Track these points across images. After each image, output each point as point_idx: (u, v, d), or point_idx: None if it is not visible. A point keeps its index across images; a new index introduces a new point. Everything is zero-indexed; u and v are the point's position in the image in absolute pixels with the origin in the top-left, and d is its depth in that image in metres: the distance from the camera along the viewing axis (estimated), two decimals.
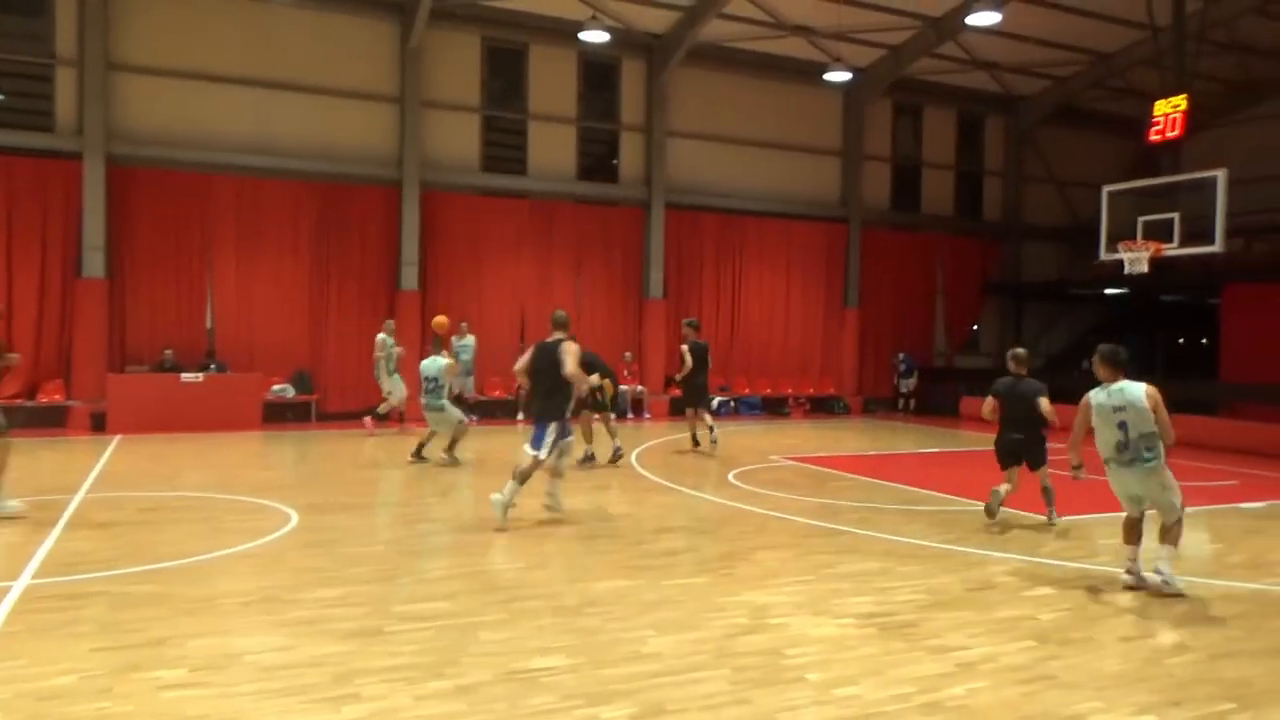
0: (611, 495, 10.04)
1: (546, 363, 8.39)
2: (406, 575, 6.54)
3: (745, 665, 4.78)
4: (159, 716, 4.05)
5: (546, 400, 8.46)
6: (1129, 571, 6.44)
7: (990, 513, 8.35)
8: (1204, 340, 20.90)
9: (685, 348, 13.48)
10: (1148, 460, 6.26)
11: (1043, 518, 8.65)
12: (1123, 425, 6.30)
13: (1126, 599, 6.20)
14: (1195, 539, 8.25)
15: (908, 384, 21.55)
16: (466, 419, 12.22)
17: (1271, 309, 18.81)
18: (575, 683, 4.50)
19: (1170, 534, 6.34)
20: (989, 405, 8.72)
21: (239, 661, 4.70)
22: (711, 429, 13.26)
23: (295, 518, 8.23)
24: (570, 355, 8.24)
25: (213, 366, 15.86)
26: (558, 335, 8.52)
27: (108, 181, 15.49)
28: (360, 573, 6.44)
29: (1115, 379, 6.41)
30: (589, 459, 11.81)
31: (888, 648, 5.11)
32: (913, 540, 7.84)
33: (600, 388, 11.69)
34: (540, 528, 8.13)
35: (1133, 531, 6.50)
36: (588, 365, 9.76)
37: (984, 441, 12.33)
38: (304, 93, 16.93)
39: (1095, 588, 6.46)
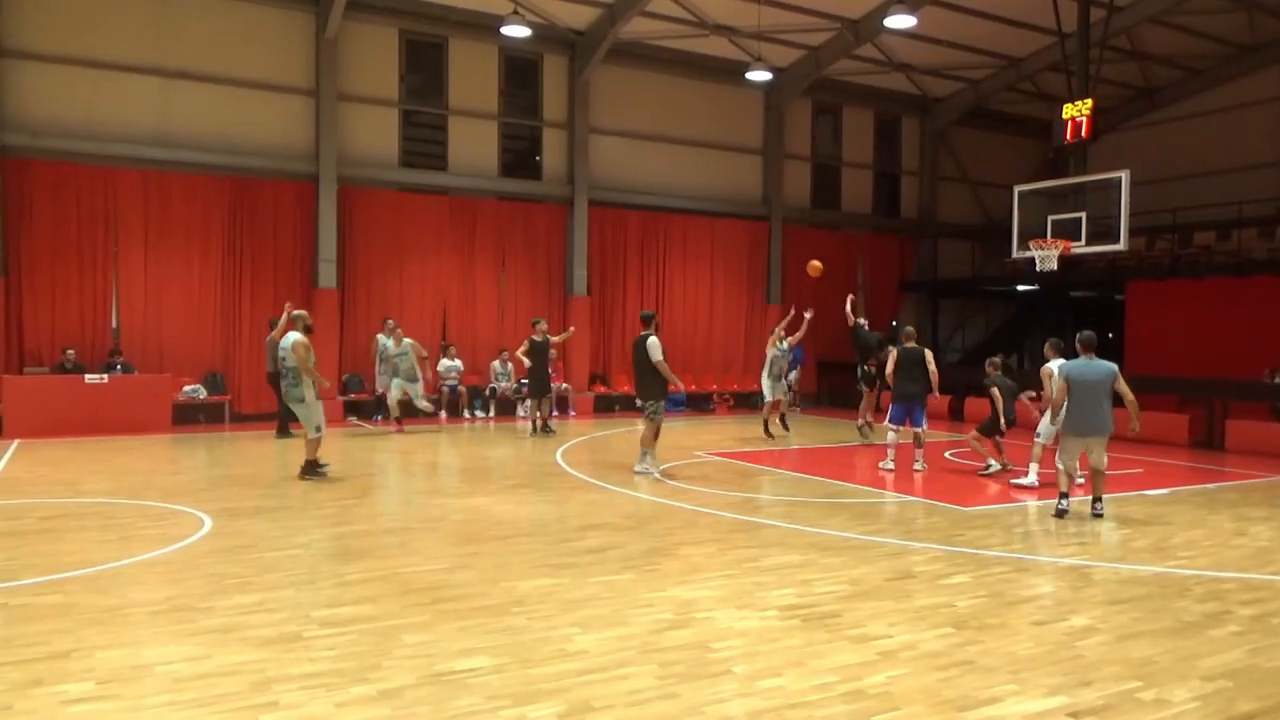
0: (536, 493, 9.97)
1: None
2: (325, 579, 6.38)
3: (671, 660, 4.79)
4: None
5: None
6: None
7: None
8: (1110, 335, 21.71)
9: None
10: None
11: (962, 507, 8.88)
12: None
13: (1039, 585, 6.40)
14: (1103, 525, 8.56)
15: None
16: (320, 430, 10.53)
17: (1171, 305, 19.66)
18: (501, 683, 4.45)
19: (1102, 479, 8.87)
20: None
21: (150, 672, 4.52)
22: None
23: (209, 523, 7.97)
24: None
25: (119, 367, 15.25)
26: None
27: (2, 174, 14.78)
28: (277, 578, 6.27)
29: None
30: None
31: (811, 638, 5.18)
32: (835, 533, 7.97)
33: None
34: (464, 528, 8.03)
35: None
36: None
37: (904, 434, 12.61)
38: (213, 83, 16.37)
39: (1009, 575, 6.66)
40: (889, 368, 11.73)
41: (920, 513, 9.05)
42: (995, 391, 11.27)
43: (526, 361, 15.34)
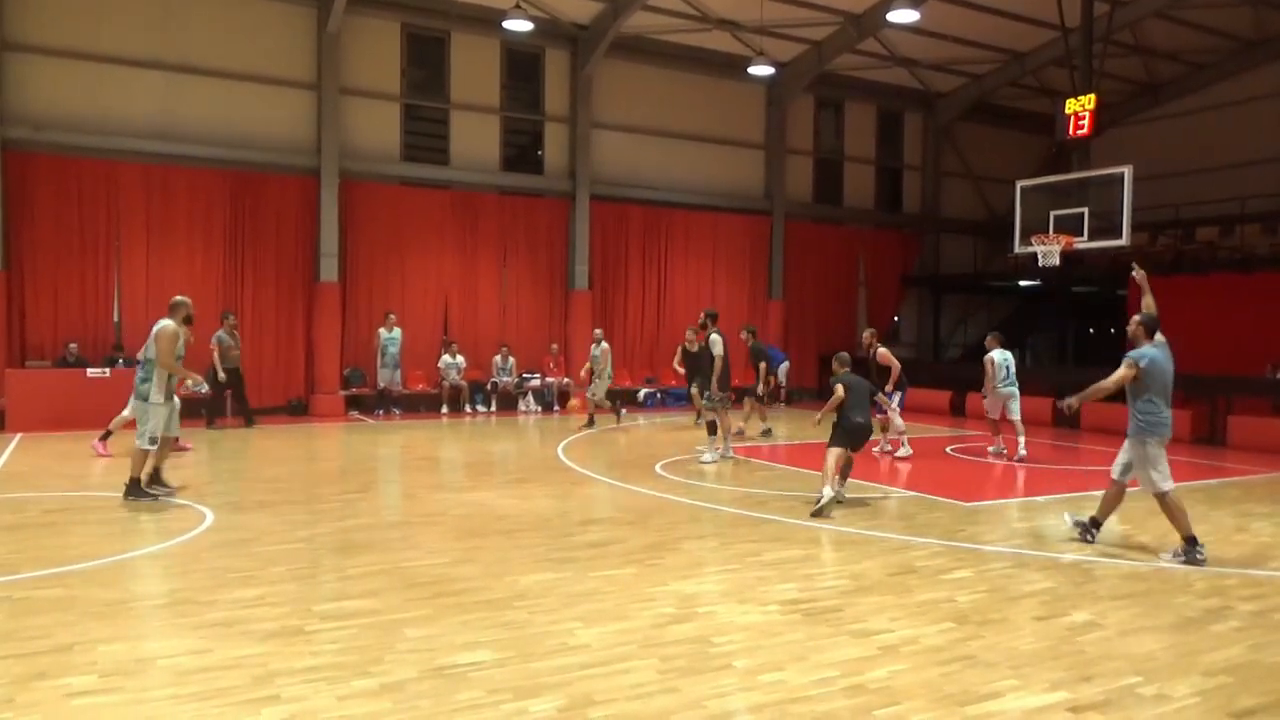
0: (538, 488, 9.98)
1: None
2: (327, 573, 6.39)
3: (673, 654, 4.80)
4: None
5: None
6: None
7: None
8: (1112, 330, 21.69)
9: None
10: None
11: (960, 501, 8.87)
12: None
13: (1040, 580, 6.40)
14: (1105, 521, 8.55)
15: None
16: (174, 435, 9.27)
17: (1174, 301, 19.58)
18: (503, 677, 4.46)
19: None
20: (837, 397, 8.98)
21: (152, 666, 4.53)
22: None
23: (211, 516, 7.98)
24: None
25: (120, 361, 15.25)
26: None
27: (4, 167, 14.78)
28: (279, 572, 6.28)
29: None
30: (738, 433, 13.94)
31: (812, 633, 5.19)
32: (836, 527, 7.97)
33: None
34: (466, 522, 8.03)
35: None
36: (755, 354, 14.65)
37: (906, 429, 12.62)
38: (215, 77, 16.37)
39: (1010, 570, 6.66)
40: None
41: (922, 508, 9.04)
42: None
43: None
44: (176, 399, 9.08)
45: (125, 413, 11.19)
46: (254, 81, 16.70)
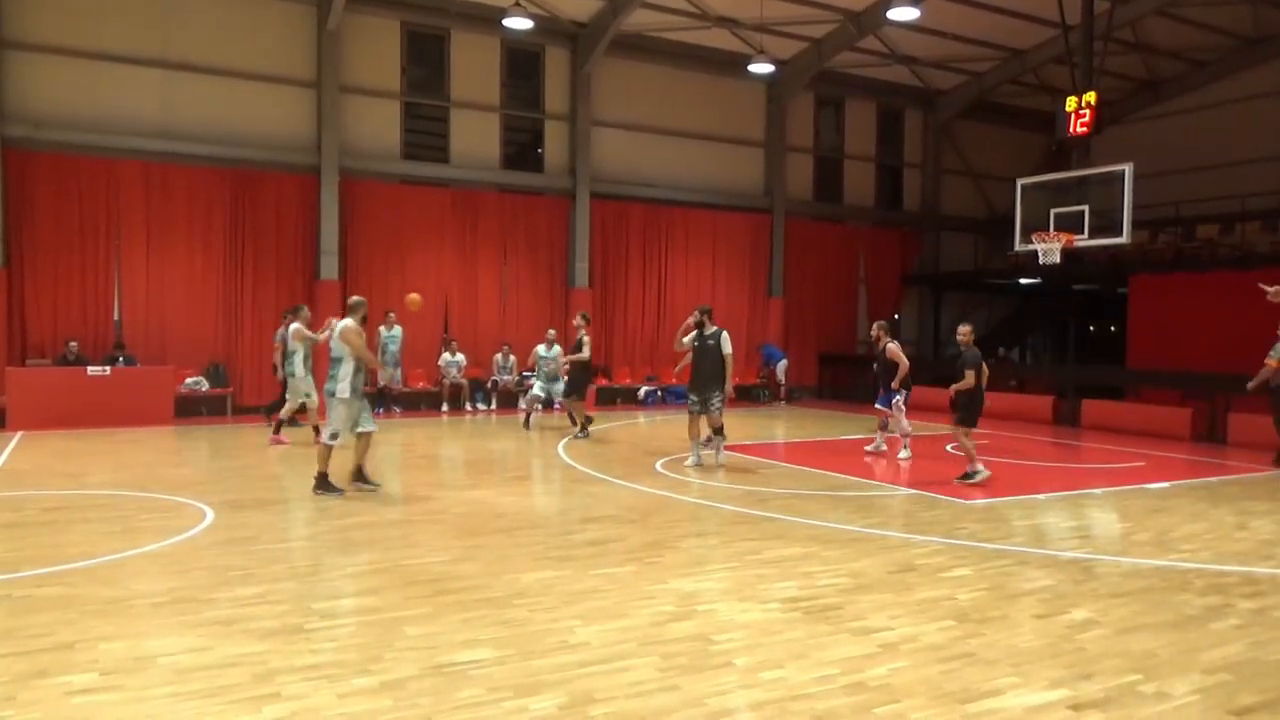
0: (538, 486, 9.98)
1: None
2: (327, 571, 6.40)
3: (673, 652, 4.80)
4: None
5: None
6: None
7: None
8: (1112, 328, 21.69)
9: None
10: None
11: (962, 500, 8.86)
12: None
13: (1040, 578, 6.40)
14: (1105, 518, 8.57)
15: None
16: (368, 430, 9.27)
17: (1174, 298, 19.63)
18: (503, 674, 4.46)
19: None
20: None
21: (153, 664, 4.54)
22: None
23: (211, 515, 7.98)
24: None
25: (121, 359, 15.26)
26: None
27: (4, 165, 14.78)
28: (279, 569, 6.28)
29: None
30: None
31: (812, 631, 5.19)
32: (836, 525, 7.98)
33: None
34: (466, 520, 8.04)
35: None
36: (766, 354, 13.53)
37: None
38: (215, 75, 16.37)
39: (1010, 569, 6.66)
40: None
41: (922, 506, 9.05)
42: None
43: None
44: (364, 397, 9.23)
45: (289, 404, 12.66)
46: (254, 79, 16.70)
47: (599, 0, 18.38)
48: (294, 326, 12.44)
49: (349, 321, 8.98)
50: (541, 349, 14.89)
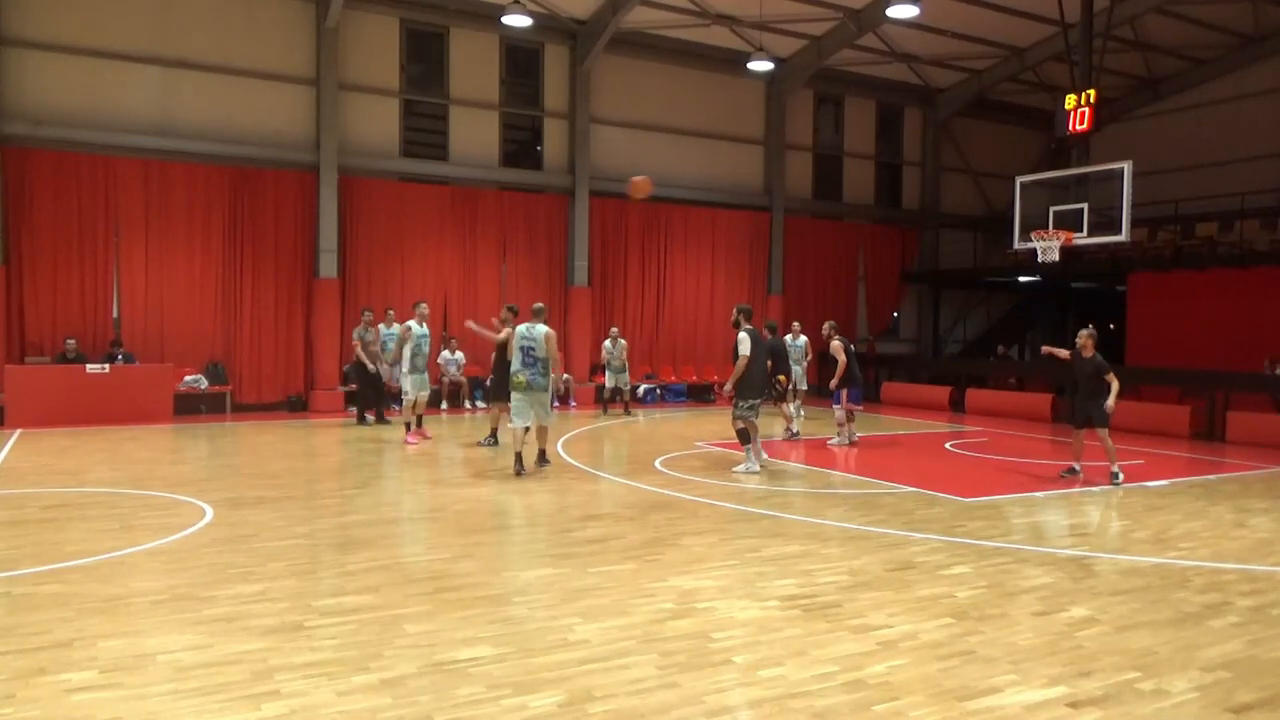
0: (537, 484, 9.98)
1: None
2: (327, 569, 6.40)
3: (672, 650, 4.80)
4: None
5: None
6: None
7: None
8: (1111, 326, 21.69)
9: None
10: None
11: (959, 498, 8.87)
12: None
13: (1039, 576, 6.41)
14: (1104, 516, 8.57)
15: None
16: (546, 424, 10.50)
17: (1173, 296, 19.64)
18: (502, 672, 4.46)
19: None
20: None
21: (152, 661, 4.54)
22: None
23: (210, 513, 7.99)
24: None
25: (120, 357, 15.26)
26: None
27: (2, 162, 14.77)
28: (279, 567, 6.28)
29: None
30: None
31: (811, 628, 5.19)
32: (835, 523, 7.98)
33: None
34: (465, 518, 8.04)
35: None
36: (773, 354, 12.28)
37: (905, 425, 12.62)
38: (214, 73, 16.36)
39: (1009, 566, 6.67)
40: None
41: (920, 504, 9.05)
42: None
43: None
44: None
45: (408, 400, 13.23)
46: (253, 77, 16.69)
47: None
48: (409, 324, 13.22)
49: (546, 328, 10.24)
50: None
